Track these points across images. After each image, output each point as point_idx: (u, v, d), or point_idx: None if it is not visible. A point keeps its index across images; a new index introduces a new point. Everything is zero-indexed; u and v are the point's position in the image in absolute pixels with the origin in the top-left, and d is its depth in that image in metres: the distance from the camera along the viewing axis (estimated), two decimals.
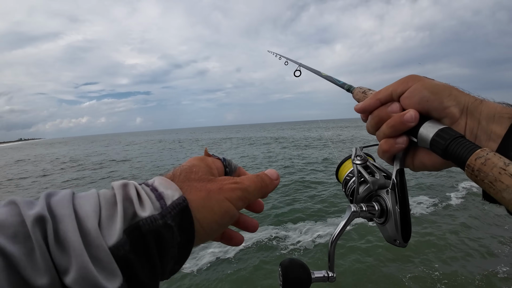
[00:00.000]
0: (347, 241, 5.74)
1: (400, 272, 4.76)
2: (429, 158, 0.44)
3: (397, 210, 0.48)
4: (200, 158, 0.43)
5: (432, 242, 5.63)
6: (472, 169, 0.33)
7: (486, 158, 0.31)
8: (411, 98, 0.43)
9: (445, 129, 0.39)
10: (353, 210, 0.50)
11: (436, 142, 0.39)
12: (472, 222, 6.53)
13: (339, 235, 0.49)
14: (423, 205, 7.75)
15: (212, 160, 0.43)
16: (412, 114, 0.42)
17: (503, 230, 6.07)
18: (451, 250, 5.36)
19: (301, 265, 0.48)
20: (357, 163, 0.56)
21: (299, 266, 0.47)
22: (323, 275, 0.46)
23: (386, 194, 0.50)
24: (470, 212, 7.16)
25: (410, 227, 0.49)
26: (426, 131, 0.41)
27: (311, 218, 7.44)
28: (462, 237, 5.83)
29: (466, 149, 0.34)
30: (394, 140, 0.45)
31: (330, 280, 0.47)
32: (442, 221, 6.64)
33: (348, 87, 0.68)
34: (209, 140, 45.80)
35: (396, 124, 0.44)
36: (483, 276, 4.53)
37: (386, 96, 0.47)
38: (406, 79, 0.45)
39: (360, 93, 0.61)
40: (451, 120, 0.42)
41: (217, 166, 0.43)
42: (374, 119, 0.48)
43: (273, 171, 0.43)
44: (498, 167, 0.30)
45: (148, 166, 18.72)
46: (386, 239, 0.51)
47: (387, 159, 0.49)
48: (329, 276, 0.47)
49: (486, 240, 5.66)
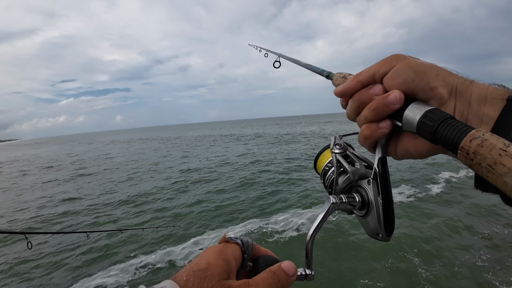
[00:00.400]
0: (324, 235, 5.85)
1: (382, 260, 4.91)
2: (414, 144, 0.41)
3: (379, 201, 0.44)
4: (218, 251, 0.41)
5: (412, 234, 5.86)
6: (466, 152, 0.29)
7: (483, 139, 0.28)
8: (395, 78, 0.40)
9: (433, 110, 0.35)
10: (333, 202, 0.46)
11: (423, 124, 0.35)
12: (453, 212, 6.87)
13: (317, 229, 0.44)
14: (403, 195, 8.08)
15: (231, 252, 0.41)
16: (396, 95, 0.38)
17: (483, 219, 6.40)
18: (432, 240, 5.61)
19: (273, 261, 0.44)
20: (336, 152, 0.53)
21: (272, 262, 0.43)
22: (300, 273, 0.42)
23: (367, 184, 0.46)
24: (449, 203, 7.52)
25: (393, 220, 0.45)
26: (412, 114, 0.37)
27: (290, 209, 7.63)
28: (440, 226, 6.12)
29: (458, 130, 0.30)
30: (377, 124, 0.41)
31: (308, 278, 0.43)
32: (421, 211, 6.95)
33: (328, 74, 0.65)
34: (192, 137, 45.43)
35: (379, 107, 0.40)
36: (462, 262, 4.77)
37: (368, 78, 0.43)
38: (390, 58, 0.42)
39: (340, 78, 0.58)
40: (439, 102, 0.38)
41: (236, 256, 0.42)
42: (355, 102, 0.44)
43: (291, 265, 0.41)
44: (498, 148, 0.26)
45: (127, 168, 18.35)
46: (368, 233, 0.48)
47: (368, 147, 0.46)
48: (307, 275, 0.43)
49: (467, 228, 5.95)
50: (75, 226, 8.20)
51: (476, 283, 4.29)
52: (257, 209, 7.95)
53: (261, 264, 0.43)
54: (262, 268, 0.42)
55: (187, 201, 9.39)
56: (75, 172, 17.59)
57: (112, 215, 8.82)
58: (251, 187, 10.44)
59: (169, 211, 8.61)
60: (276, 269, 0.40)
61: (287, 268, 0.40)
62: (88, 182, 14.43)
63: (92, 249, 6.40)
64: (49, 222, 8.74)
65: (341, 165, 0.51)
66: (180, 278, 0.36)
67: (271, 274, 0.39)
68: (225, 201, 9.01)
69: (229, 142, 30.36)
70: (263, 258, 0.45)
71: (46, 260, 6.15)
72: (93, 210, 9.42)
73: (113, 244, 6.51)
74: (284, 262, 0.41)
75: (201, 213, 8.13)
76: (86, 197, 11.16)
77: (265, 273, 0.39)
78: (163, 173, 14.75)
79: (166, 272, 5.22)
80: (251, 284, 0.37)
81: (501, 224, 6.00)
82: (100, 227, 7.92)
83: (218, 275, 0.36)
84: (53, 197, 11.73)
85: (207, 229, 6.94)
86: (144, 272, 5.28)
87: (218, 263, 0.38)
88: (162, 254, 5.85)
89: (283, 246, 5.70)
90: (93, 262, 5.89)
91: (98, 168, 18.84)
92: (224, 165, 15.67)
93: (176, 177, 13.40)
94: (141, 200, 9.96)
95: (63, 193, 12.29)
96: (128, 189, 11.86)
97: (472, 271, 4.55)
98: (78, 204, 10.36)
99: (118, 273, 5.34)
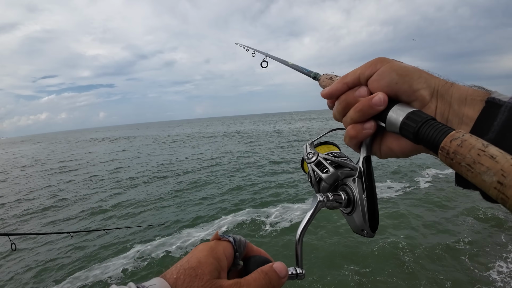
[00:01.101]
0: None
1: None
2: (397, 144, 0.42)
3: (364, 199, 0.46)
4: (209, 249, 0.40)
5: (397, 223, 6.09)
6: (447, 152, 0.30)
7: (462, 139, 0.29)
8: (379, 81, 0.41)
9: (416, 111, 0.37)
10: (320, 200, 0.47)
11: (406, 125, 0.36)
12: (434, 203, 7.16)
13: (306, 227, 0.45)
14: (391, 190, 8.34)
15: (222, 249, 0.41)
16: (380, 97, 0.40)
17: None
18: (415, 227, 5.87)
19: (264, 261, 0.44)
20: (311, 162, 0.54)
21: (262, 262, 0.43)
22: (291, 273, 0.42)
23: (352, 182, 0.48)
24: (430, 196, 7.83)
25: (377, 216, 0.47)
26: (396, 115, 0.38)
27: (283, 202, 7.75)
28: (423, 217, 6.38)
29: (439, 131, 0.32)
30: (362, 125, 0.43)
31: (299, 277, 0.43)
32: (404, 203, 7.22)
33: (315, 75, 0.66)
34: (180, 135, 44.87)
35: (364, 108, 0.42)
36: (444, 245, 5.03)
37: (354, 80, 0.44)
38: (374, 61, 0.43)
39: (327, 80, 0.59)
40: (421, 104, 0.40)
41: (227, 254, 0.41)
42: (341, 104, 0.46)
43: (282, 266, 0.41)
44: (477, 148, 0.27)
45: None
46: (353, 229, 0.50)
47: (353, 146, 0.47)
48: (298, 274, 0.43)
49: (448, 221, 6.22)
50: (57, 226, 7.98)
51: (455, 264, 4.58)
52: (252, 201, 8.07)
53: (252, 264, 0.43)
54: (253, 268, 0.42)
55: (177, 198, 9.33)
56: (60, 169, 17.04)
57: (100, 214, 8.66)
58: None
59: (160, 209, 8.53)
60: (268, 270, 0.40)
61: (279, 269, 0.40)
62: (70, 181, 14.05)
63: (76, 249, 6.27)
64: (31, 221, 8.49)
65: (317, 173, 0.53)
66: (170, 276, 0.35)
67: (263, 274, 0.39)
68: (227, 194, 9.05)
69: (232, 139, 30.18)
70: (254, 258, 0.45)
71: (31, 260, 5.97)
72: (75, 210, 9.20)
73: (98, 244, 6.38)
74: (276, 263, 0.41)
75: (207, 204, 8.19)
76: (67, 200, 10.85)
77: (257, 273, 0.40)
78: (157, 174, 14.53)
79: (155, 269, 5.19)
80: (242, 284, 0.37)
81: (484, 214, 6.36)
82: (83, 227, 7.74)
83: (208, 273, 0.36)
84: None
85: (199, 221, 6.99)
86: (133, 269, 5.23)
87: (209, 261, 0.38)
88: (152, 250, 5.81)
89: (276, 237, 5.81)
90: (76, 261, 5.76)
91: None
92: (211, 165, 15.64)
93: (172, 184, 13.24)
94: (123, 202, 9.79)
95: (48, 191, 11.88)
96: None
97: (452, 254, 4.86)
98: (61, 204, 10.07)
99: (103, 271, 5.26)
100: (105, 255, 5.90)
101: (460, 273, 4.39)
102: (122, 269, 5.26)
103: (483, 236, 5.49)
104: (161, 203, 9.18)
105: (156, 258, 5.55)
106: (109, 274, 5.16)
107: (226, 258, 0.41)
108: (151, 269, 5.20)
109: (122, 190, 11.18)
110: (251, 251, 0.47)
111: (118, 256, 5.78)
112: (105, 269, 5.34)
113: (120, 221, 7.94)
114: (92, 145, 36.57)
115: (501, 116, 0.34)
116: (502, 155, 0.26)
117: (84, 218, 8.45)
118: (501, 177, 0.25)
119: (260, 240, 5.80)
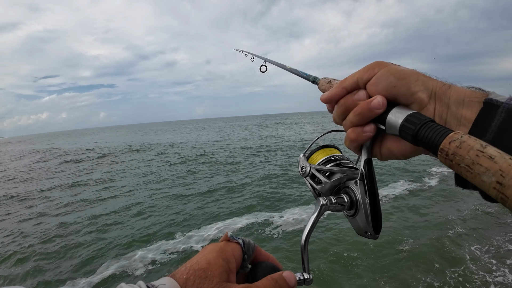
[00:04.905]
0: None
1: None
2: (397, 146, 0.43)
3: (366, 201, 0.46)
4: (219, 250, 0.40)
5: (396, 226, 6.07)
6: (446, 153, 0.30)
7: (461, 140, 0.29)
8: (377, 84, 0.42)
9: (414, 114, 0.37)
10: (323, 203, 0.47)
11: (405, 127, 0.37)
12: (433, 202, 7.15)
13: (310, 232, 0.46)
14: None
15: (232, 250, 0.41)
16: (379, 100, 0.41)
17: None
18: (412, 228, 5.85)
19: (272, 268, 0.44)
20: (305, 176, 0.55)
21: (270, 269, 0.44)
22: (298, 278, 0.43)
23: (354, 185, 0.48)
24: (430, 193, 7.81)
25: (380, 218, 0.47)
26: (395, 117, 0.39)
27: (293, 205, 7.71)
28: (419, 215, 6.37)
29: (438, 133, 0.32)
30: (362, 128, 0.43)
31: (307, 283, 0.44)
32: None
33: (314, 79, 0.67)
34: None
35: (363, 112, 0.42)
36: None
37: (352, 84, 0.45)
38: (372, 65, 0.44)
39: (326, 84, 0.60)
40: (420, 106, 0.41)
41: (236, 256, 0.42)
42: (340, 108, 0.46)
43: (292, 275, 0.41)
44: (475, 149, 0.28)
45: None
46: (357, 232, 0.50)
47: (354, 149, 0.48)
48: (305, 279, 0.43)
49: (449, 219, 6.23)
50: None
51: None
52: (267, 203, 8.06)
53: (260, 271, 0.44)
54: (261, 275, 0.42)
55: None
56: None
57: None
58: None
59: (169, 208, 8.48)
60: (278, 278, 0.40)
61: (289, 279, 0.40)
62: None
63: (80, 250, 6.20)
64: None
65: (312, 187, 0.54)
66: (180, 276, 0.35)
67: (273, 282, 0.39)
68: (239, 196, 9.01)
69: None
70: (262, 265, 0.45)
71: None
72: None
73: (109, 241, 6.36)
74: (285, 271, 0.42)
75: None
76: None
77: (267, 280, 0.40)
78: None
79: (165, 268, 5.16)
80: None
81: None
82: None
83: (218, 275, 0.36)
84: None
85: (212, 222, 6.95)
86: (143, 268, 5.19)
87: (218, 263, 0.38)
88: (159, 249, 5.78)
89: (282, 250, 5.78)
90: (86, 262, 5.73)
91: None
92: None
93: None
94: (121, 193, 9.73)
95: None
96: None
97: (453, 253, 4.87)
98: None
99: (117, 268, 5.22)
100: (116, 251, 5.89)
101: (460, 272, 4.39)
102: (135, 265, 5.25)
103: (486, 233, 5.49)
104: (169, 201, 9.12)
105: (166, 257, 5.52)
106: (121, 269, 5.16)
107: (235, 260, 0.41)
108: (161, 268, 5.17)
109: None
110: (260, 255, 0.47)
111: (131, 252, 5.76)
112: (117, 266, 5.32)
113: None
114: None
115: (498, 117, 0.34)
116: (501, 156, 0.26)
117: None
118: (500, 177, 0.25)
119: (267, 244, 5.77)
